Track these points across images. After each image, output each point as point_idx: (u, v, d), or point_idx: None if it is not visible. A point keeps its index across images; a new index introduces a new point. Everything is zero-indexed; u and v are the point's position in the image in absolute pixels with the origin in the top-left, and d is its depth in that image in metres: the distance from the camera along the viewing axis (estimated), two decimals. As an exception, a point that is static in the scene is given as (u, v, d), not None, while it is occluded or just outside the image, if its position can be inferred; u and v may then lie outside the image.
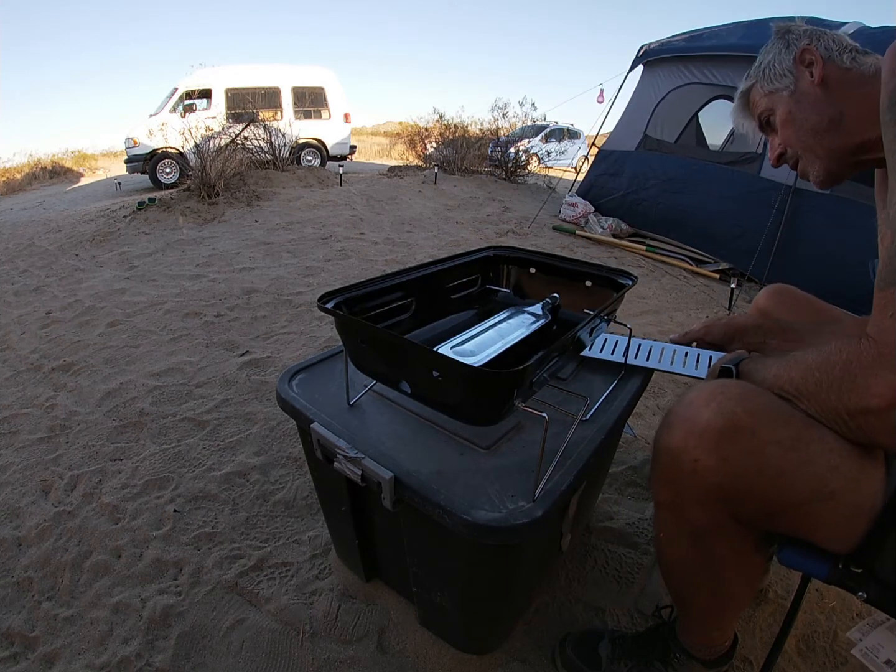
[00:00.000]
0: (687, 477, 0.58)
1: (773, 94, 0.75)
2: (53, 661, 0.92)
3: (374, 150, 14.63)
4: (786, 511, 0.56)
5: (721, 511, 0.59)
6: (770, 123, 0.77)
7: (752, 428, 0.54)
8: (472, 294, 1.10)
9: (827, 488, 0.53)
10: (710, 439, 0.55)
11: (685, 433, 0.57)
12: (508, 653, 0.90)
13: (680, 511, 0.62)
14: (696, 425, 0.56)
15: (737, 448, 0.55)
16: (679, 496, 0.61)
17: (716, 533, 0.62)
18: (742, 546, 0.63)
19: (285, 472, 1.36)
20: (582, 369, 0.95)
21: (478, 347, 0.84)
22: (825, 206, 3.12)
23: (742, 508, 0.59)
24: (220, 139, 5.37)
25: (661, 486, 0.63)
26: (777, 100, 0.74)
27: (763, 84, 0.76)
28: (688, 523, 0.63)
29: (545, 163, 8.25)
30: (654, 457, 0.62)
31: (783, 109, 0.73)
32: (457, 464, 0.69)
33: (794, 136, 0.73)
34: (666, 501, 0.64)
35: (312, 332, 2.20)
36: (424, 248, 3.63)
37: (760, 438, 0.54)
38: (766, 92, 0.75)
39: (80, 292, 2.78)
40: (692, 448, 0.56)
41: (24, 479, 1.38)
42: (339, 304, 0.77)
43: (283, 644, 0.92)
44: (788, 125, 0.73)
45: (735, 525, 0.61)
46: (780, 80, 0.73)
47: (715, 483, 0.57)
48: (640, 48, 4.42)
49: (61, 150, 12.98)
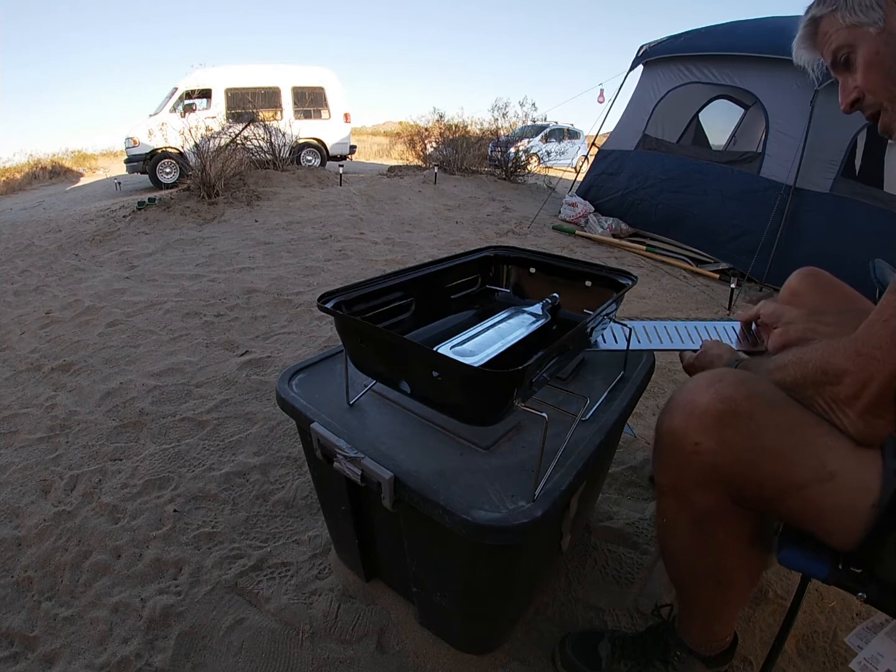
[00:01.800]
0: (688, 459, 0.59)
1: (855, 28, 0.62)
2: (53, 660, 0.92)
3: (374, 150, 14.63)
4: (786, 494, 0.57)
5: (722, 494, 0.60)
6: (847, 63, 0.65)
7: (750, 412, 0.56)
8: (473, 294, 1.10)
9: (826, 469, 0.54)
10: (709, 422, 0.57)
11: (686, 416, 0.59)
12: (508, 653, 0.90)
13: (681, 495, 0.63)
14: (696, 408, 0.58)
15: (736, 431, 0.56)
16: (681, 479, 0.62)
17: (717, 517, 0.62)
18: (743, 532, 0.64)
19: (285, 472, 1.35)
20: (582, 369, 0.95)
21: (477, 347, 0.84)
22: (825, 206, 3.13)
23: (742, 491, 0.59)
24: (220, 139, 5.37)
25: (663, 470, 0.64)
26: (861, 36, 0.62)
27: (844, 14, 0.62)
28: (689, 508, 0.63)
29: (545, 163, 8.25)
30: (656, 440, 0.64)
31: (869, 49, 0.62)
32: (457, 464, 0.69)
33: (881, 81, 0.62)
34: (668, 485, 0.65)
35: (312, 332, 2.20)
36: (424, 248, 3.63)
37: (759, 422, 0.56)
38: (847, 24, 0.62)
39: (80, 292, 2.78)
40: (692, 431, 0.58)
41: (23, 478, 1.38)
42: (339, 304, 0.77)
43: (282, 644, 0.92)
44: (875, 69, 0.62)
45: (736, 510, 0.61)
46: (866, 13, 0.61)
47: (715, 465, 0.58)
48: (639, 48, 4.42)
49: (61, 150, 13.00)
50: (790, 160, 3.24)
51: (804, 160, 3.18)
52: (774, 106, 3.43)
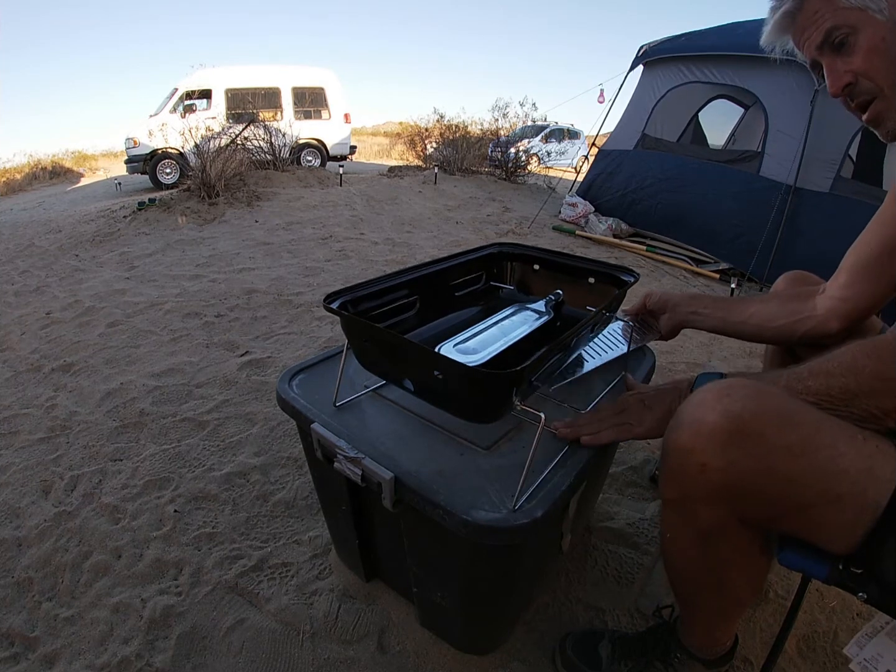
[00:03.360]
0: (694, 477, 0.57)
1: (859, 10, 0.61)
2: (53, 661, 0.92)
3: (374, 151, 14.64)
4: (791, 513, 0.56)
5: (727, 512, 0.59)
6: (843, 45, 0.63)
7: (759, 431, 0.53)
8: (477, 291, 1.10)
9: (833, 492, 0.52)
10: (716, 442, 0.55)
11: (693, 434, 0.57)
12: (508, 653, 0.90)
13: (686, 510, 0.62)
14: (704, 427, 0.56)
15: (743, 452, 0.54)
16: (686, 495, 0.60)
17: (721, 534, 0.62)
18: (747, 548, 0.63)
19: (285, 472, 1.36)
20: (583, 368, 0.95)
21: (480, 345, 0.84)
22: (825, 205, 3.12)
23: (748, 510, 0.58)
24: (220, 139, 5.38)
25: (669, 485, 0.62)
26: (865, 19, 0.61)
27: None
28: (694, 523, 0.62)
29: (545, 163, 8.24)
30: (663, 455, 0.62)
31: (873, 33, 0.61)
32: (457, 464, 0.69)
33: (886, 68, 0.61)
34: (673, 500, 0.63)
35: (312, 333, 2.20)
36: (424, 248, 3.63)
37: (768, 442, 0.53)
38: (850, 5, 0.61)
39: (81, 293, 2.78)
40: (699, 450, 0.56)
41: (24, 479, 1.38)
42: (344, 304, 0.77)
43: (283, 644, 0.92)
44: (878, 55, 0.61)
45: (740, 527, 0.60)
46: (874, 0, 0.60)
47: (722, 485, 0.56)
48: (639, 48, 4.42)
49: (61, 151, 13.02)
50: (790, 160, 3.24)
51: (804, 160, 3.18)
52: (774, 105, 3.42)
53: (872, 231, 0.76)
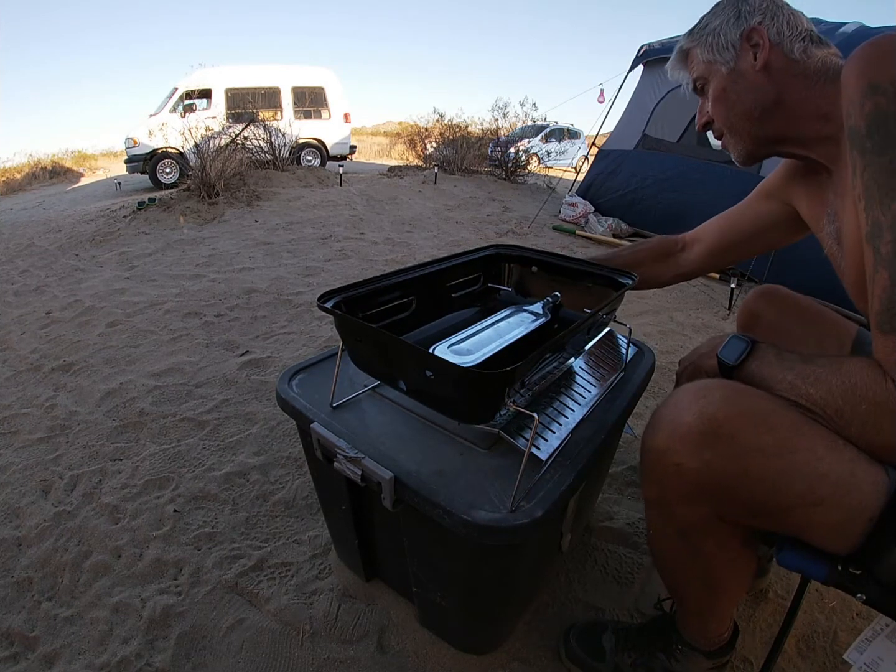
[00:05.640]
0: (670, 478, 0.59)
1: (711, 64, 0.71)
2: (53, 661, 0.92)
3: (374, 150, 14.64)
4: (772, 514, 0.56)
5: (708, 510, 0.60)
6: (703, 91, 0.75)
7: (733, 433, 0.54)
8: (475, 292, 1.10)
9: (814, 495, 0.52)
10: (691, 443, 0.55)
11: (668, 436, 0.58)
12: (508, 653, 0.90)
13: (665, 509, 0.63)
14: (679, 428, 0.56)
15: (717, 453, 0.54)
16: (664, 495, 0.61)
17: (701, 530, 0.62)
18: (729, 543, 0.64)
19: (285, 472, 1.36)
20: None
21: (475, 346, 0.84)
22: (825, 205, 3.12)
23: (728, 509, 0.59)
24: (220, 139, 5.38)
25: (648, 484, 0.64)
26: (713, 72, 0.71)
27: (703, 51, 0.71)
28: (674, 521, 0.63)
29: (545, 163, 8.25)
30: (641, 455, 0.63)
31: (718, 84, 0.71)
32: (457, 464, 0.69)
33: (724, 114, 0.72)
34: (652, 499, 0.64)
35: (312, 332, 2.20)
36: (424, 248, 3.63)
37: (741, 444, 0.54)
38: (705, 60, 0.71)
39: (80, 292, 2.78)
40: (674, 451, 0.57)
41: (24, 479, 1.38)
42: (338, 304, 0.77)
43: (283, 644, 0.92)
44: (720, 103, 0.71)
45: (720, 523, 0.61)
46: (721, 53, 0.69)
47: (698, 485, 0.57)
48: (640, 48, 4.42)
49: (61, 150, 13.01)
50: (790, 160, 3.23)
51: (804, 160, 3.17)
52: (774, 106, 3.42)
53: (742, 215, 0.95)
